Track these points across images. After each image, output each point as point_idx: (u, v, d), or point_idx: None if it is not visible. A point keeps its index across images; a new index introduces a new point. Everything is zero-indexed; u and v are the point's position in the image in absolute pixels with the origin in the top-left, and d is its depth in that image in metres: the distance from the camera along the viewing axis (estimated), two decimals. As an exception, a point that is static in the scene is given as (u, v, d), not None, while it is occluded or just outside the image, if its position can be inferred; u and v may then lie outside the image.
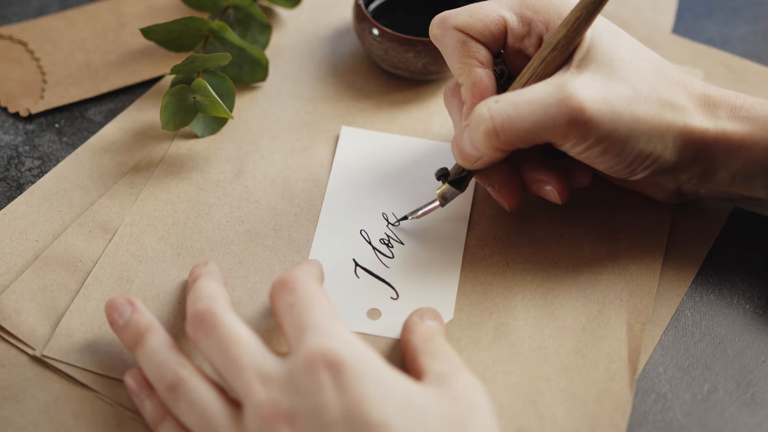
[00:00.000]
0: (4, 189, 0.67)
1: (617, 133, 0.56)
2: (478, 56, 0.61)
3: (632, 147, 0.56)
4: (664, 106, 0.57)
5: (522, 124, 0.55)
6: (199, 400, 0.51)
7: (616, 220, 0.66)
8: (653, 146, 0.57)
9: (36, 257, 0.62)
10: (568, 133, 0.55)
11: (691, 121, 0.57)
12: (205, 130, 0.70)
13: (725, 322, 0.62)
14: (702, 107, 0.58)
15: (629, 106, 0.56)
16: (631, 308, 0.61)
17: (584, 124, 0.55)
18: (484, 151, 0.57)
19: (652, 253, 0.64)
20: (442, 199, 0.63)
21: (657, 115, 0.56)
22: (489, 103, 0.56)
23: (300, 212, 0.66)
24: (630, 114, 0.56)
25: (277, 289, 0.54)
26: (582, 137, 0.56)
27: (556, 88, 0.55)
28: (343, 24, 0.79)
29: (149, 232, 0.64)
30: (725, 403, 0.58)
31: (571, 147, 0.57)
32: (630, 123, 0.56)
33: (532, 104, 0.55)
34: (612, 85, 0.56)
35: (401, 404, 0.48)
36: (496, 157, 0.58)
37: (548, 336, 0.60)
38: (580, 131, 0.55)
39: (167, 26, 0.71)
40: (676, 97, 0.57)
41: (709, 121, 0.58)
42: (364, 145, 0.70)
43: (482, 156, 0.58)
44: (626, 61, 0.57)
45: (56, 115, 0.72)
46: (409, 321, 0.59)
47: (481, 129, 0.56)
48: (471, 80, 0.60)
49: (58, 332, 0.58)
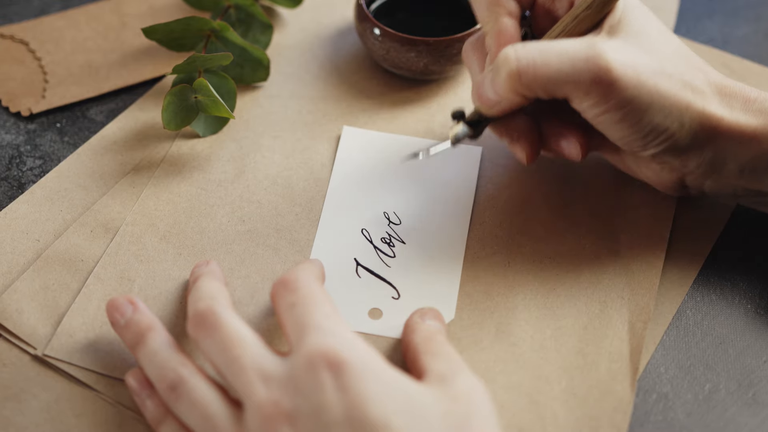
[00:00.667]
0: (6, 188, 0.67)
1: (638, 101, 0.56)
2: (507, 5, 0.61)
3: (650, 119, 0.56)
4: (686, 87, 0.57)
5: (546, 71, 0.55)
6: (200, 399, 0.51)
7: (618, 219, 0.66)
8: (670, 122, 0.57)
9: (37, 257, 0.62)
10: (591, 91, 0.55)
11: (709, 106, 0.57)
12: (207, 129, 0.70)
13: (727, 322, 0.62)
14: (719, 96, 0.58)
15: (654, 77, 0.56)
16: (632, 306, 0.61)
17: (609, 84, 0.55)
18: (504, 94, 0.57)
19: (654, 250, 0.64)
20: (454, 139, 0.63)
21: (679, 92, 0.57)
22: (516, 46, 0.56)
23: (301, 212, 0.66)
24: (654, 85, 0.56)
25: (279, 288, 0.54)
26: (603, 98, 0.56)
27: (587, 45, 0.56)
28: (344, 24, 0.79)
29: (150, 231, 0.64)
30: (727, 403, 0.58)
31: (590, 107, 0.57)
32: (652, 94, 0.56)
33: (561, 55, 0.55)
34: (640, 54, 0.56)
35: (402, 404, 0.48)
36: (514, 103, 0.58)
37: (550, 336, 0.60)
38: (603, 91, 0.55)
39: (169, 26, 0.71)
40: (697, 81, 0.58)
41: (724, 109, 0.58)
42: (365, 145, 0.70)
43: (501, 101, 0.58)
44: (654, 38, 0.58)
45: (58, 114, 0.72)
46: (410, 321, 0.59)
47: (504, 70, 0.56)
48: (497, 28, 0.60)
49: (59, 332, 0.58)
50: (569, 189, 0.67)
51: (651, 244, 0.64)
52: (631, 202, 0.66)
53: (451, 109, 0.65)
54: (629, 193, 0.67)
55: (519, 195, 0.67)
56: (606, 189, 0.67)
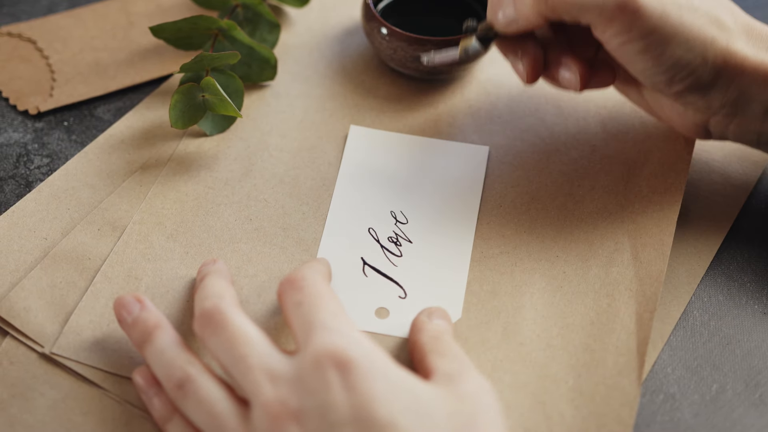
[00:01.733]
0: (14, 187, 0.67)
1: (662, 31, 0.56)
2: None
3: (672, 51, 0.56)
4: (712, 22, 0.57)
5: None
6: (207, 398, 0.51)
7: (626, 215, 0.65)
8: (693, 57, 0.57)
9: (45, 255, 0.63)
10: (614, 18, 0.55)
11: (734, 43, 0.57)
12: (214, 128, 0.70)
13: (734, 322, 0.62)
14: (745, 35, 0.58)
15: (679, 10, 0.56)
16: (640, 297, 0.61)
17: (633, 12, 0.55)
18: (526, 11, 0.58)
19: (662, 236, 0.63)
20: (463, 52, 0.63)
21: (703, 27, 0.57)
22: None
23: (308, 211, 0.66)
24: (678, 17, 0.56)
25: (285, 287, 0.54)
26: (626, 26, 0.56)
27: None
28: (352, 23, 0.79)
29: (158, 230, 0.64)
30: (734, 403, 0.58)
31: (612, 36, 0.57)
32: (676, 26, 0.56)
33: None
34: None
35: (409, 403, 0.48)
36: (532, 23, 0.58)
37: (557, 334, 0.60)
38: (627, 18, 0.55)
39: (176, 25, 0.71)
40: (724, 18, 0.58)
41: (750, 48, 0.58)
42: (372, 145, 0.70)
43: (519, 19, 0.58)
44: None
45: (65, 113, 0.73)
46: (417, 320, 0.59)
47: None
48: None
49: (66, 330, 0.59)
50: (576, 187, 0.67)
51: (659, 231, 0.63)
52: (638, 198, 0.66)
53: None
54: (637, 189, 0.67)
55: (526, 194, 0.67)
56: (613, 185, 0.67)
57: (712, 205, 0.67)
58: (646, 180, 0.67)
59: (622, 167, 0.68)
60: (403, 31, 0.70)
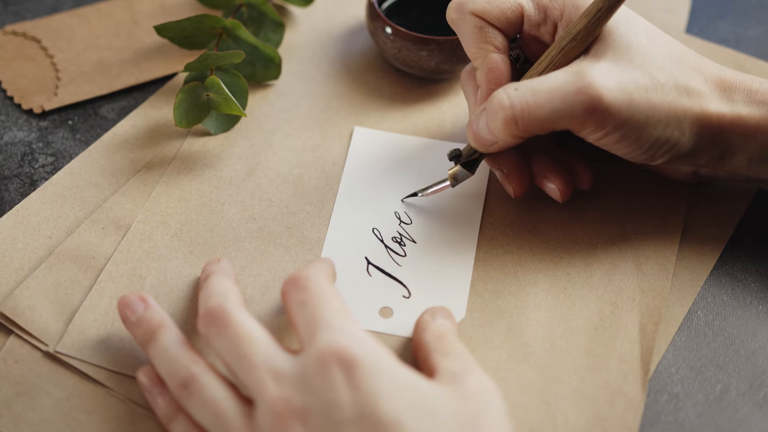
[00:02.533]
0: (18, 185, 0.67)
1: (634, 120, 0.56)
2: (494, 42, 0.61)
3: (649, 134, 0.57)
4: (680, 93, 0.57)
5: (541, 111, 0.56)
6: (211, 397, 0.51)
7: (629, 220, 0.66)
8: (670, 132, 0.57)
9: (49, 254, 0.63)
10: (586, 121, 0.56)
11: (707, 106, 0.57)
12: (218, 127, 0.70)
13: (738, 322, 0.62)
14: (718, 91, 0.58)
15: (646, 94, 0.56)
16: (643, 308, 0.61)
17: (602, 112, 0.55)
18: (502, 137, 0.58)
19: (665, 252, 0.64)
20: (453, 180, 0.64)
21: (674, 101, 0.57)
22: (508, 91, 0.57)
23: (312, 210, 0.66)
24: (647, 101, 0.56)
25: (289, 286, 0.54)
26: (600, 125, 0.56)
27: (575, 77, 0.56)
28: (356, 22, 0.79)
29: (162, 229, 0.64)
30: (738, 404, 0.58)
31: (589, 134, 0.57)
32: (647, 110, 0.56)
33: (551, 92, 0.56)
34: (629, 72, 0.56)
35: (413, 402, 0.48)
36: (511, 143, 0.59)
37: (560, 336, 0.60)
38: (598, 119, 0.56)
39: (181, 24, 0.71)
40: (693, 83, 0.58)
41: (725, 105, 0.58)
42: (376, 145, 0.70)
43: (498, 141, 0.59)
44: (643, 47, 0.58)
45: (69, 112, 0.73)
46: (421, 319, 0.59)
47: (500, 116, 0.57)
48: (487, 66, 0.61)
49: (71, 329, 0.59)
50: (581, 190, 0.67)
51: (662, 246, 0.64)
52: (642, 203, 0.66)
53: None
54: (641, 194, 0.67)
55: (530, 194, 0.67)
56: (618, 189, 0.67)
57: (716, 205, 0.67)
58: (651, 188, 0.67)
59: (626, 174, 0.68)
60: (407, 31, 0.70)
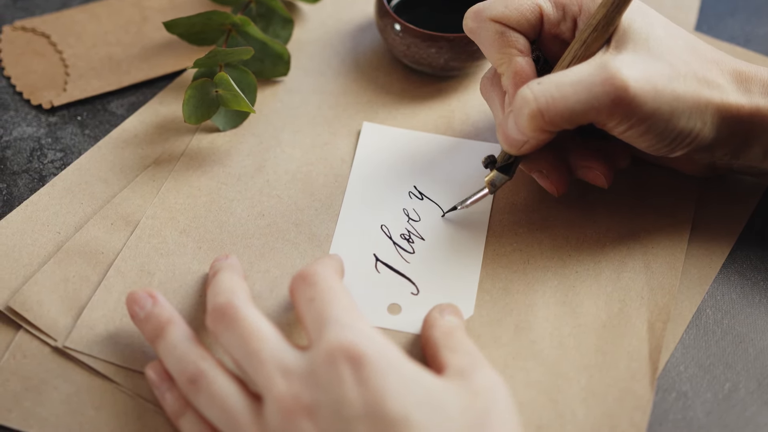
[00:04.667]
0: (27, 181, 0.67)
1: (660, 111, 0.56)
2: (517, 45, 0.61)
3: (674, 125, 0.57)
4: (701, 84, 0.57)
5: (566, 104, 0.55)
6: (219, 393, 0.51)
7: (638, 218, 0.65)
8: (693, 123, 0.57)
9: (58, 249, 0.63)
10: (613, 113, 0.56)
11: (727, 97, 0.57)
12: (227, 124, 0.70)
13: (747, 320, 0.62)
14: (736, 83, 0.58)
15: (670, 84, 0.56)
16: (652, 306, 0.61)
17: (629, 103, 0.55)
18: (530, 133, 0.57)
19: (674, 251, 0.64)
20: (491, 186, 0.63)
21: (696, 92, 0.57)
22: (532, 86, 0.56)
23: (321, 207, 0.66)
24: (672, 92, 0.56)
25: (298, 283, 0.54)
26: (626, 117, 0.56)
27: (599, 68, 0.56)
28: (365, 19, 0.79)
29: (170, 225, 0.64)
30: (746, 402, 0.58)
31: (614, 126, 0.57)
32: (672, 101, 0.56)
33: (576, 85, 0.55)
34: (651, 63, 0.56)
35: (422, 398, 0.48)
36: (541, 140, 0.58)
37: (568, 333, 0.60)
38: (625, 110, 0.55)
39: (190, 20, 0.71)
40: (711, 75, 0.58)
41: (743, 97, 0.58)
42: (385, 142, 0.70)
43: (528, 140, 0.58)
44: (661, 39, 0.58)
45: (78, 107, 0.73)
46: (429, 316, 0.59)
47: (525, 111, 0.56)
48: (513, 70, 0.60)
49: (79, 324, 0.59)
50: (589, 187, 0.67)
51: (671, 244, 0.64)
52: (651, 201, 0.66)
53: (482, 158, 0.66)
54: (650, 192, 0.67)
55: (539, 191, 0.67)
56: (628, 187, 0.67)
57: (725, 203, 0.67)
58: (660, 186, 0.67)
59: (635, 171, 0.68)
60: (416, 28, 0.70)
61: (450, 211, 0.66)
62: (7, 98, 0.73)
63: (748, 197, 0.67)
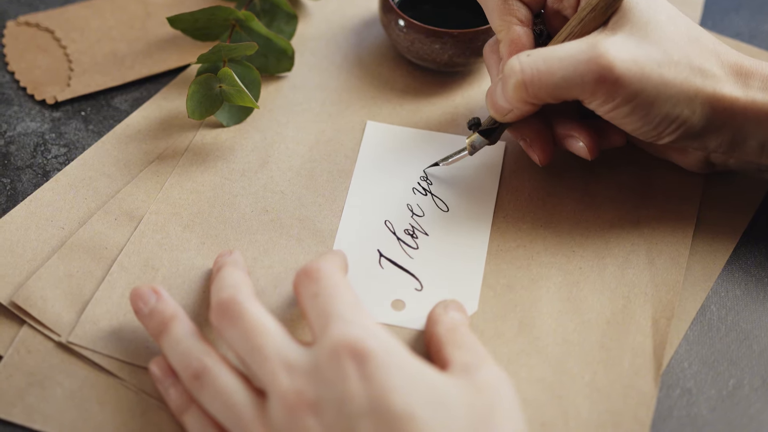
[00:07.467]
0: (31, 176, 0.67)
1: (645, 94, 0.56)
2: (518, 14, 0.62)
3: (659, 109, 0.57)
4: (694, 72, 0.57)
5: (551, 78, 0.57)
6: (223, 388, 0.51)
7: (642, 215, 0.65)
8: (680, 110, 0.57)
9: (62, 244, 0.63)
10: (596, 91, 0.57)
11: (721, 89, 0.58)
12: (231, 119, 0.70)
13: (751, 317, 0.61)
14: (734, 76, 0.59)
15: (659, 69, 0.57)
16: (656, 303, 0.61)
17: (612, 82, 0.56)
18: (514, 103, 0.59)
19: (678, 247, 0.63)
20: (471, 148, 0.65)
21: (686, 80, 0.57)
22: (521, 57, 0.58)
23: (325, 203, 0.66)
24: (659, 76, 0.56)
25: (301, 278, 0.54)
26: (610, 96, 0.57)
27: (589, 47, 0.57)
28: (369, 15, 0.79)
29: (174, 220, 0.64)
30: (750, 399, 0.58)
31: (599, 105, 0.58)
32: (658, 85, 0.56)
33: (563, 60, 0.57)
34: (644, 46, 0.57)
35: (426, 394, 0.48)
36: (525, 111, 0.60)
37: (573, 330, 0.60)
38: (608, 89, 0.56)
39: (194, 15, 0.71)
40: (708, 65, 0.58)
41: (740, 89, 0.58)
42: (389, 139, 0.70)
43: (513, 108, 0.60)
44: (661, 24, 0.58)
45: (82, 102, 0.73)
46: (433, 312, 0.58)
47: (511, 81, 0.58)
48: (510, 37, 0.62)
49: (83, 319, 0.59)
50: (594, 182, 0.67)
51: (675, 240, 0.64)
52: (655, 197, 0.66)
53: (467, 119, 0.68)
54: (654, 189, 0.67)
55: (543, 188, 0.67)
56: (631, 182, 0.67)
57: (729, 200, 0.67)
58: (663, 181, 0.67)
59: (638, 166, 0.68)
60: (420, 23, 0.70)
61: (431, 167, 0.67)
62: (11, 93, 0.73)
63: (752, 194, 0.67)
